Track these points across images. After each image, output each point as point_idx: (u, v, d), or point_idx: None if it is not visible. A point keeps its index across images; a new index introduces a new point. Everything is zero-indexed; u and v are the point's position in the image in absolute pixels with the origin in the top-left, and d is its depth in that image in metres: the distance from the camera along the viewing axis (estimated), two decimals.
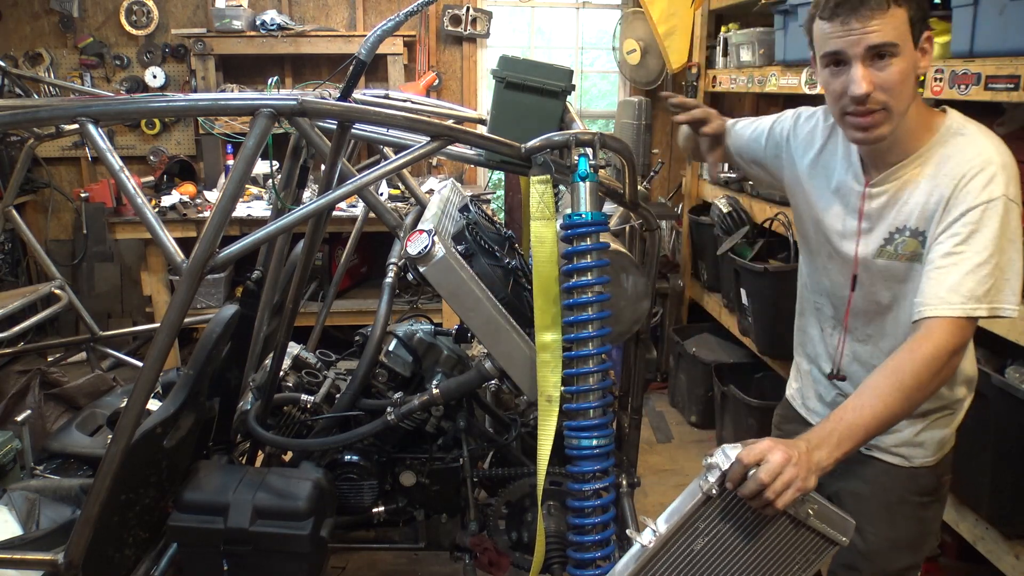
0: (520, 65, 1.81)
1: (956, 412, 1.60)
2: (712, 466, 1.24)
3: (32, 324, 3.29)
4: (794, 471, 1.16)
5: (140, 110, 1.75)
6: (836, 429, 1.24)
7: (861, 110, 1.33)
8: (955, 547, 2.55)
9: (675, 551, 1.28)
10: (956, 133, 1.39)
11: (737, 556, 1.30)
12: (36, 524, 1.91)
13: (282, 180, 2.35)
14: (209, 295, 4.15)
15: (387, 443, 2.04)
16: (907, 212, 1.41)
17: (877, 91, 1.30)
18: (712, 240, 3.98)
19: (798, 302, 1.77)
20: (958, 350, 1.30)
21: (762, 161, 1.73)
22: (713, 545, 1.28)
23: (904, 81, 1.31)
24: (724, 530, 1.28)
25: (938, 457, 1.60)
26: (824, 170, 1.57)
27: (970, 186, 1.31)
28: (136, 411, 1.57)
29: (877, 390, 1.26)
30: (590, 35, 5.09)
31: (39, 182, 4.76)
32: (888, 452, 1.59)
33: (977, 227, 1.29)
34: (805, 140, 1.61)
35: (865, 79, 1.30)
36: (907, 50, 1.30)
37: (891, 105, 1.32)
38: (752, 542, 1.29)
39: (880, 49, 1.28)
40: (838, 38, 1.31)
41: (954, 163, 1.35)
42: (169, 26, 4.65)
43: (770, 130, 1.70)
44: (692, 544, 1.27)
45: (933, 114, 1.43)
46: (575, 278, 1.58)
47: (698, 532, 1.27)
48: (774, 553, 1.30)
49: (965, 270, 1.28)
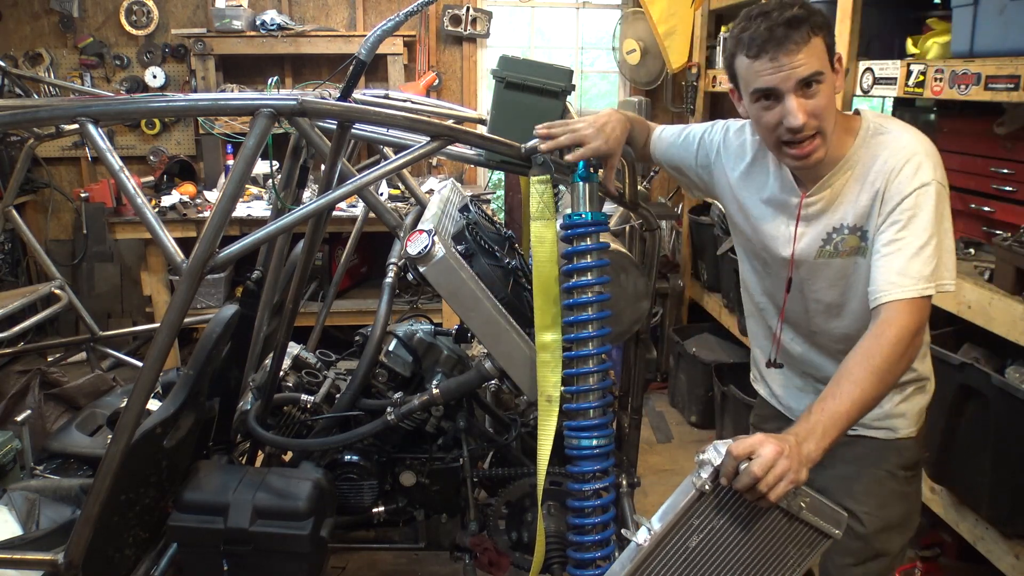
0: (520, 65, 1.81)
1: (929, 380, 1.66)
2: (704, 462, 1.25)
3: (32, 324, 3.29)
4: (786, 464, 1.19)
5: (140, 110, 1.76)
6: (820, 420, 1.27)
7: (799, 139, 1.39)
8: (955, 547, 2.55)
9: (671, 548, 1.29)
10: (876, 133, 1.46)
11: (733, 552, 1.30)
12: (36, 524, 1.91)
13: (282, 180, 2.35)
14: (209, 295, 4.15)
15: (387, 443, 2.04)
16: (842, 212, 1.48)
17: (810, 118, 1.37)
18: (712, 240, 3.99)
19: (744, 305, 1.81)
20: (919, 329, 1.35)
21: (689, 167, 1.75)
22: (708, 541, 1.29)
23: (830, 102, 1.40)
24: (719, 526, 1.28)
25: (918, 427, 1.64)
26: (755, 183, 1.61)
27: (900, 177, 1.39)
28: (136, 411, 1.57)
29: (852, 376, 1.30)
30: (590, 35, 5.09)
31: (39, 182, 4.76)
32: (872, 428, 1.61)
33: (914, 212, 1.37)
34: (736, 153, 1.65)
35: (800, 110, 1.36)
36: (828, 75, 1.38)
37: (823, 128, 1.40)
38: (747, 537, 1.29)
39: (808, 79, 1.35)
40: (769, 75, 1.36)
41: (881, 160, 1.42)
42: (169, 26, 4.65)
43: (701, 139, 1.73)
44: (687, 541, 1.28)
45: (849, 119, 1.50)
46: (575, 278, 1.58)
47: (693, 528, 1.28)
48: (769, 548, 1.31)
49: (910, 254, 1.35)
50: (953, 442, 2.13)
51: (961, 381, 2.06)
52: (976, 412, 2.07)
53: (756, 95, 1.41)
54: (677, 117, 4.86)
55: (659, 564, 1.29)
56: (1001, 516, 2.05)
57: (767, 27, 1.34)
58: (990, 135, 2.32)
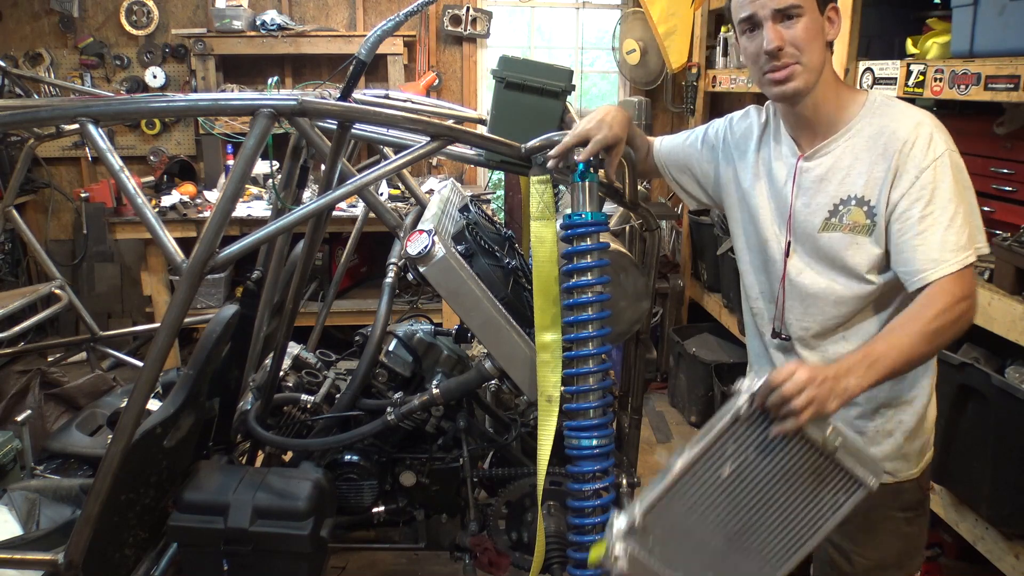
0: (520, 65, 1.81)
1: (930, 419, 1.61)
2: (740, 390, 1.24)
3: (32, 324, 3.28)
4: (816, 391, 1.20)
5: (140, 110, 1.76)
6: (868, 356, 1.27)
7: (777, 64, 1.43)
8: (955, 547, 2.55)
9: (704, 475, 1.25)
10: (883, 105, 1.47)
11: (765, 488, 1.27)
12: (36, 524, 1.91)
13: (282, 180, 2.35)
14: (209, 295, 4.15)
15: (387, 443, 2.04)
16: (851, 182, 1.46)
17: (788, 46, 1.41)
18: (712, 240, 3.99)
19: (744, 318, 1.79)
20: (968, 295, 1.35)
21: (695, 164, 1.75)
22: (741, 473, 1.26)
23: (812, 39, 1.42)
24: (752, 458, 1.25)
25: (921, 468, 1.60)
26: (760, 158, 1.61)
27: (914, 151, 1.39)
28: (136, 411, 1.57)
29: (904, 330, 1.31)
30: (590, 35, 5.09)
31: (39, 182, 4.76)
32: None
33: (935, 185, 1.37)
34: (743, 135, 1.66)
35: (775, 34, 1.41)
36: (812, 11, 1.42)
37: (802, 59, 1.42)
38: (780, 474, 1.26)
39: (786, 11, 1.40)
40: (748, 3, 1.43)
41: (890, 133, 1.43)
42: (169, 26, 4.65)
43: (704, 134, 1.75)
44: (720, 469, 1.25)
45: (857, 92, 1.52)
46: (575, 278, 1.58)
47: (727, 456, 1.25)
48: (802, 488, 1.28)
49: (943, 227, 1.35)
50: (953, 442, 2.13)
51: (961, 381, 2.06)
52: (976, 412, 2.07)
53: (742, 26, 1.47)
54: (677, 117, 4.87)
55: (691, 490, 1.25)
56: (1001, 516, 2.05)
57: None
58: (990, 135, 2.33)
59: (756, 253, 1.64)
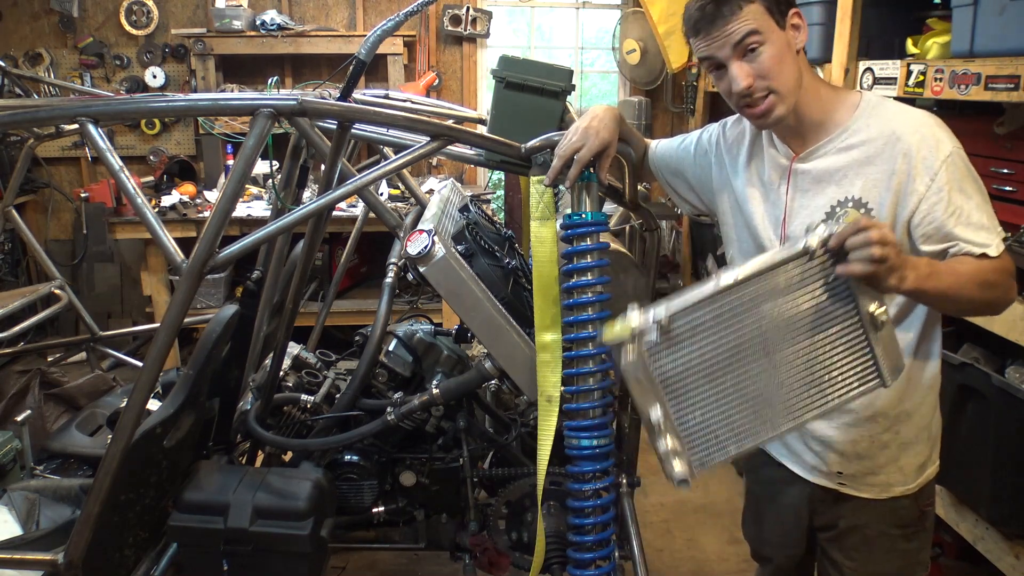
0: (520, 65, 1.81)
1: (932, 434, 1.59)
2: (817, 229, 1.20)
3: (32, 324, 3.28)
4: (893, 253, 1.17)
5: (140, 110, 1.76)
6: (932, 264, 1.27)
7: (750, 101, 1.41)
8: (955, 547, 2.55)
9: (745, 298, 1.19)
10: (879, 106, 1.45)
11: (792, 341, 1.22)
12: (36, 524, 1.91)
13: (282, 180, 2.35)
14: (209, 295, 4.15)
15: (387, 443, 2.04)
16: (848, 184, 1.44)
17: (757, 80, 1.38)
18: (712, 240, 3.99)
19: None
20: (1014, 274, 1.36)
21: (689, 169, 1.74)
22: (779, 315, 1.21)
23: (779, 61, 1.38)
24: (796, 305, 1.21)
25: (919, 484, 1.55)
26: (753, 163, 1.60)
27: (923, 154, 1.37)
28: (136, 411, 1.57)
29: (964, 267, 1.31)
30: (590, 35, 5.09)
31: (39, 182, 4.76)
32: (865, 484, 1.55)
33: (951, 184, 1.36)
34: (736, 140, 1.64)
35: (742, 74, 1.38)
36: (771, 33, 1.38)
37: (775, 87, 1.39)
38: (813, 330, 1.22)
39: (745, 44, 1.37)
40: (706, 47, 1.40)
41: (889, 134, 1.40)
42: (169, 26, 4.65)
43: (698, 140, 1.73)
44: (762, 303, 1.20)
45: (845, 92, 1.50)
46: (575, 278, 1.58)
47: (775, 291, 1.20)
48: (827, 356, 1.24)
49: (974, 212, 1.35)
50: (953, 442, 2.13)
51: (961, 381, 2.06)
52: (976, 412, 2.07)
53: (707, 67, 1.46)
54: (677, 117, 4.87)
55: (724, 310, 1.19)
56: (1001, 516, 2.05)
57: (699, 6, 1.39)
58: (990, 135, 2.32)
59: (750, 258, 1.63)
